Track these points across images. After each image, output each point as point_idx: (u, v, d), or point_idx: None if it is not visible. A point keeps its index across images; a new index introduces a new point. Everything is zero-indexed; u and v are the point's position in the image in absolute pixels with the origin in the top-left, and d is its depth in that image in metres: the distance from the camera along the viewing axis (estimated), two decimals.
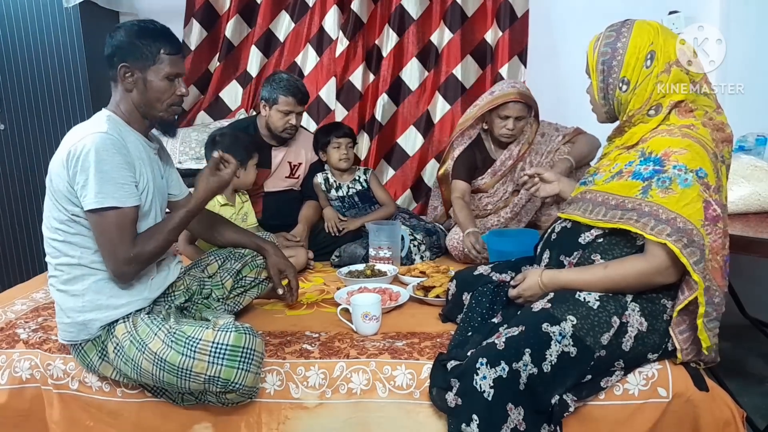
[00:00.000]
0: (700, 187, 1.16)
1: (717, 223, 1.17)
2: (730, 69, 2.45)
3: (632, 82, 1.26)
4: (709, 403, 1.29)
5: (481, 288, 1.52)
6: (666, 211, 1.16)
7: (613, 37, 1.29)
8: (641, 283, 1.24)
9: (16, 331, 1.57)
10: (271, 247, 1.65)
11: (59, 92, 2.46)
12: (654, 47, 1.25)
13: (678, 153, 1.19)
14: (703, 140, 1.21)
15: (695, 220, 1.15)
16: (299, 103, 2.20)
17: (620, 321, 1.24)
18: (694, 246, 1.15)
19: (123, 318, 1.35)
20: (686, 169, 1.17)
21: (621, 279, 1.24)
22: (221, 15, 2.70)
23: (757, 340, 2.31)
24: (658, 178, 1.19)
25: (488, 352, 1.21)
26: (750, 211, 1.63)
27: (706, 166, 1.18)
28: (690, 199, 1.16)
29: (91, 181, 1.25)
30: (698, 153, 1.19)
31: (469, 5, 2.59)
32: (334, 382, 1.36)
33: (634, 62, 1.26)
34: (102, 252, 1.32)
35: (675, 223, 1.15)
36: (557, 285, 1.32)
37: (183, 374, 1.28)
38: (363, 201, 2.39)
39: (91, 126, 1.31)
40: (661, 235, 1.16)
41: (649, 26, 1.29)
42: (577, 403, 1.25)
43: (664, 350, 1.28)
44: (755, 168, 1.66)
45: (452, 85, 2.60)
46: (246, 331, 1.32)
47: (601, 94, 1.31)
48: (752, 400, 1.93)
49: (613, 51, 1.28)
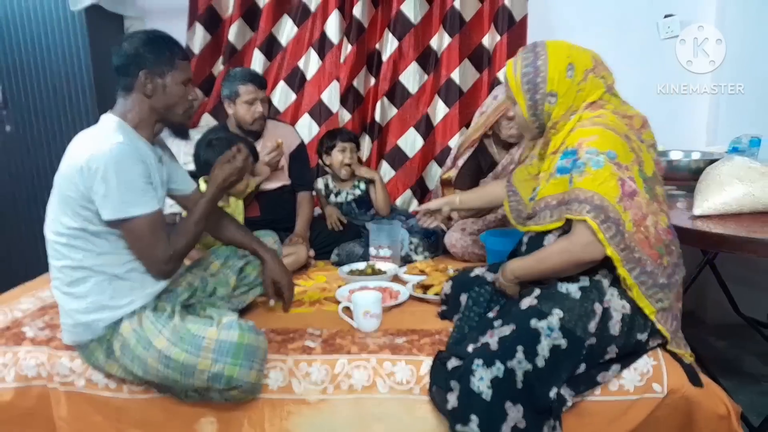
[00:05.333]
0: (612, 167, 1.24)
1: (634, 198, 1.25)
2: (726, 70, 2.49)
3: (559, 94, 1.34)
4: (704, 398, 1.32)
5: (478, 289, 1.56)
6: (584, 191, 1.24)
7: (531, 58, 1.37)
8: (565, 260, 1.30)
9: (23, 329, 1.58)
10: (269, 256, 1.62)
11: (65, 95, 2.48)
12: (571, 59, 1.34)
13: (589, 140, 1.27)
14: (612, 125, 1.29)
15: (611, 197, 1.23)
16: (259, 88, 2.20)
17: (603, 307, 1.28)
18: (610, 222, 1.23)
19: (128, 316, 1.37)
20: (597, 152, 1.25)
21: (546, 257, 1.33)
22: (224, 19, 2.72)
23: (751, 339, 2.33)
24: (575, 167, 1.27)
25: (483, 353, 1.24)
26: (743, 211, 1.65)
27: (617, 147, 1.26)
28: (603, 179, 1.23)
29: (114, 191, 1.28)
30: (607, 137, 1.27)
31: (467, 10, 2.61)
32: (336, 378, 1.39)
33: (557, 75, 1.34)
34: (141, 258, 1.37)
35: (592, 200, 1.23)
36: (515, 276, 1.40)
37: (187, 371, 1.31)
38: (360, 207, 2.42)
39: (106, 135, 1.33)
40: (581, 213, 1.23)
41: (560, 43, 1.39)
42: (574, 398, 1.28)
43: (652, 328, 1.32)
44: (749, 169, 1.68)
45: (450, 89, 2.63)
46: (249, 329, 1.34)
47: (530, 111, 1.38)
48: (747, 399, 1.95)
49: (536, 69, 1.35)
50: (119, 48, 1.38)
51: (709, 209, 1.65)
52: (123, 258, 1.37)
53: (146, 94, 1.38)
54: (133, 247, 1.36)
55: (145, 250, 1.35)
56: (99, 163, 1.28)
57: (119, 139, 1.31)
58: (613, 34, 2.62)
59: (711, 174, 1.71)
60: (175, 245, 1.38)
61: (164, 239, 1.36)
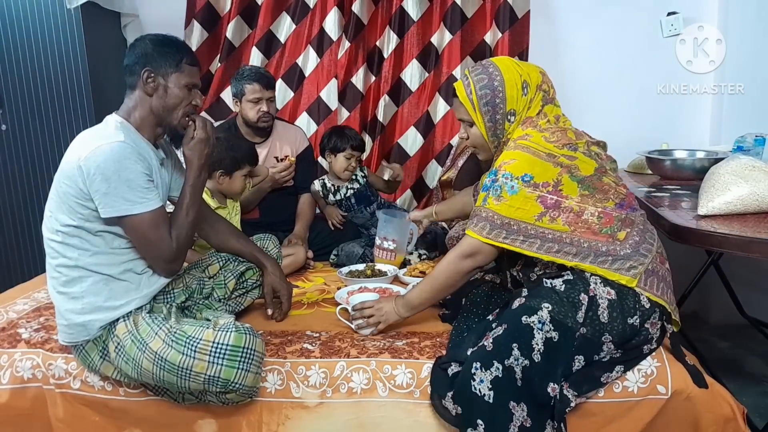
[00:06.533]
0: (526, 190, 1.31)
1: (561, 205, 1.32)
2: (728, 70, 2.47)
3: (517, 111, 1.39)
4: (709, 400, 1.31)
5: (476, 290, 1.57)
6: (501, 216, 1.33)
7: (486, 79, 1.40)
8: (451, 270, 1.39)
9: (18, 331, 1.57)
10: (270, 265, 1.63)
11: (61, 93, 2.46)
12: (524, 77, 1.39)
13: (507, 163, 1.34)
14: (533, 147, 1.34)
15: (528, 218, 1.31)
16: (265, 88, 2.20)
17: (588, 296, 1.29)
18: (531, 236, 1.32)
19: (124, 317, 1.36)
20: (512, 177, 1.32)
21: (439, 272, 1.42)
22: (222, 16, 2.71)
23: (755, 339, 2.32)
24: (493, 188, 1.34)
25: (480, 356, 1.25)
26: (748, 211, 1.63)
27: (533, 169, 1.32)
28: (519, 203, 1.31)
29: (116, 189, 1.27)
30: (525, 160, 1.33)
31: (469, 7, 2.60)
32: (335, 382, 1.37)
33: (516, 94, 1.38)
34: (146, 255, 1.37)
35: (509, 226, 1.32)
36: (410, 309, 1.48)
37: (183, 374, 1.29)
38: (359, 202, 2.39)
39: (107, 134, 1.33)
40: (498, 239, 1.32)
41: (508, 61, 1.44)
42: (577, 398, 1.27)
43: (642, 310, 1.31)
44: (753, 168, 1.65)
45: (452, 87, 2.60)
46: (246, 331, 1.32)
47: (490, 132, 1.42)
48: (751, 400, 1.94)
49: (493, 90, 1.38)
50: (131, 48, 1.40)
51: (714, 209, 1.64)
52: (118, 258, 1.36)
53: (147, 92, 1.37)
54: (137, 246, 1.36)
55: (150, 247, 1.35)
56: (99, 161, 1.27)
57: (120, 138, 1.31)
58: (614, 32, 2.61)
59: (715, 173, 1.70)
60: (177, 238, 1.37)
61: (167, 237, 1.35)
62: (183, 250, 1.40)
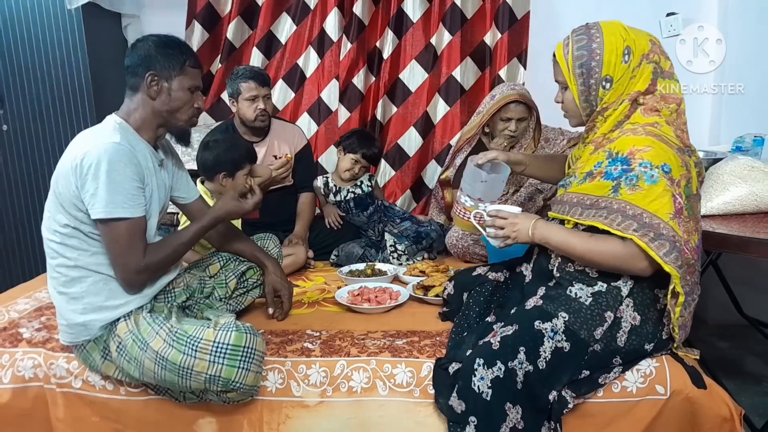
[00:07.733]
0: (666, 182, 1.19)
1: (680, 215, 1.20)
2: (727, 70, 2.47)
3: (615, 79, 1.28)
4: (707, 400, 1.31)
5: (479, 288, 1.55)
6: (633, 207, 1.20)
7: (585, 39, 1.30)
8: (613, 266, 1.26)
9: (19, 330, 1.58)
10: (271, 265, 1.63)
11: (62, 93, 2.47)
12: (628, 42, 1.27)
13: (643, 151, 1.22)
14: (666, 137, 1.24)
15: (662, 214, 1.18)
16: (261, 85, 2.20)
17: (614, 316, 1.26)
18: (663, 239, 1.18)
19: (124, 316, 1.36)
20: (651, 166, 1.20)
21: (597, 254, 1.26)
22: (223, 17, 2.71)
23: (754, 339, 2.32)
24: (626, 177, 1.22)
25: (484, 353, 1.23)
26: (747, 211, 1.64)
27: (671, 161, 1.21)
28: (656, 195, 1.19)
29: (102, 190, 1.27)
30: (662, 149, 1.22)
31: (468, 7, 2.60)
32: (335, 381, 1.38)
33: (614, 59, 1.27)
34: (112, 261, 1.34)
35: (641, 218, 1.19)
36: (544, 241, 1.33)
37: (184, 373, 1.29)
38: (357, 207, 2.39)
39: (103, 134, 1.32)
40: (627, 231, 1.19)
41: (616, 24, 1.31)
42: (576, 400, 1.27)
43: (659, 339, 1.30)
44: (752, 168, 1.67)
45: (452, 87, 2.62)
46: (247, 331, 1.33)
47: (583, 97, 1.32)
48: (750, 399, 1.95)
49: (590, 53, 1.29)
50: (132, 48, 1.38)
51: (713, 209, 1.65)
52: None
53: (151, 96, 1.37)
54: (107, 249, 1.33)
55: (119, 254, 1.32)
56: (92, 160, 1.27)
57: (115, 139, 1.30)
58: None
59: (714, 174, 1.70)
60: (151, 258, 1.35)
61: (139, 249, 1.33)
62: (152, 270, 1.37)
